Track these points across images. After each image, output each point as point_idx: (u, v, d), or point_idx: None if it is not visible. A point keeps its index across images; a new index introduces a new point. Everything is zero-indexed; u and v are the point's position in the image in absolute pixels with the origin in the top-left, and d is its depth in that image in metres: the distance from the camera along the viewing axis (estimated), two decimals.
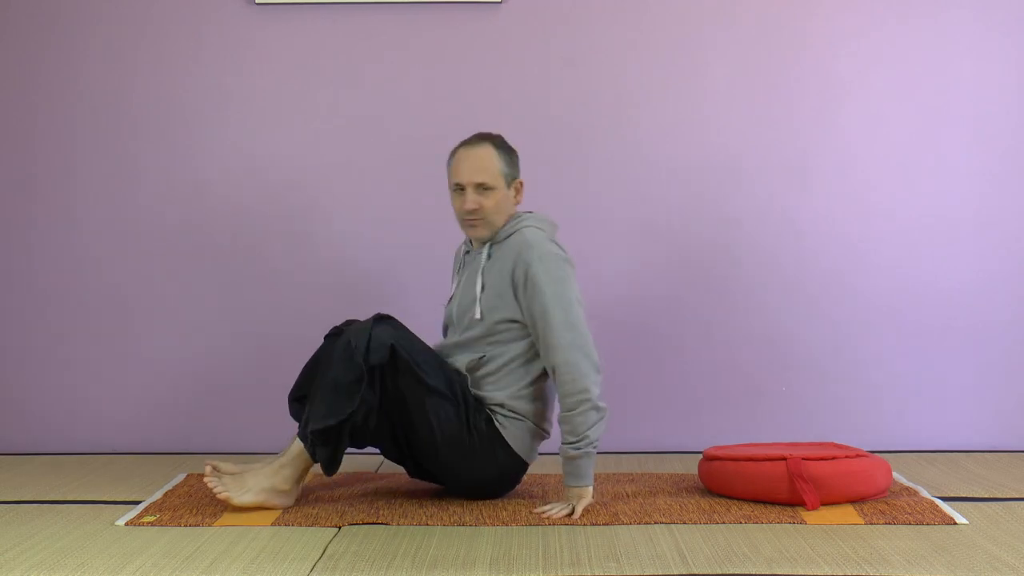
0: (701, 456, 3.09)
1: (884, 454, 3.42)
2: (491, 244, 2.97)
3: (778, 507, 2.84)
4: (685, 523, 2.71)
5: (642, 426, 3.60)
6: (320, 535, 2.61)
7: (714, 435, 3.49)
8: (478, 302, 2.93)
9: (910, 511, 2.80)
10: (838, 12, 3.70)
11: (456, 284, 3.09)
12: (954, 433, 3.70)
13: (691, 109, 3.72)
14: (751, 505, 2.87)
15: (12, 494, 3.09)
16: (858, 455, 2.93)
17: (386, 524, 2.71)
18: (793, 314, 3.72)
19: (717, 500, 2.94)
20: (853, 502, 2.88)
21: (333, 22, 3.72)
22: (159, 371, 3.75)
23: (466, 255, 3.08)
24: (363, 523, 2.71)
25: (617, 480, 3.20)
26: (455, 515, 2.79)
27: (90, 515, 2.84)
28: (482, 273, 2.95)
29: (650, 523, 2.71)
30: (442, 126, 3.69)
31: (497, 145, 2.96)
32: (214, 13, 3.72)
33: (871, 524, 2.69)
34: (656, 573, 2.32)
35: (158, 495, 3.04)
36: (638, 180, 3.71)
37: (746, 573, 2.31)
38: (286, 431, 3.18)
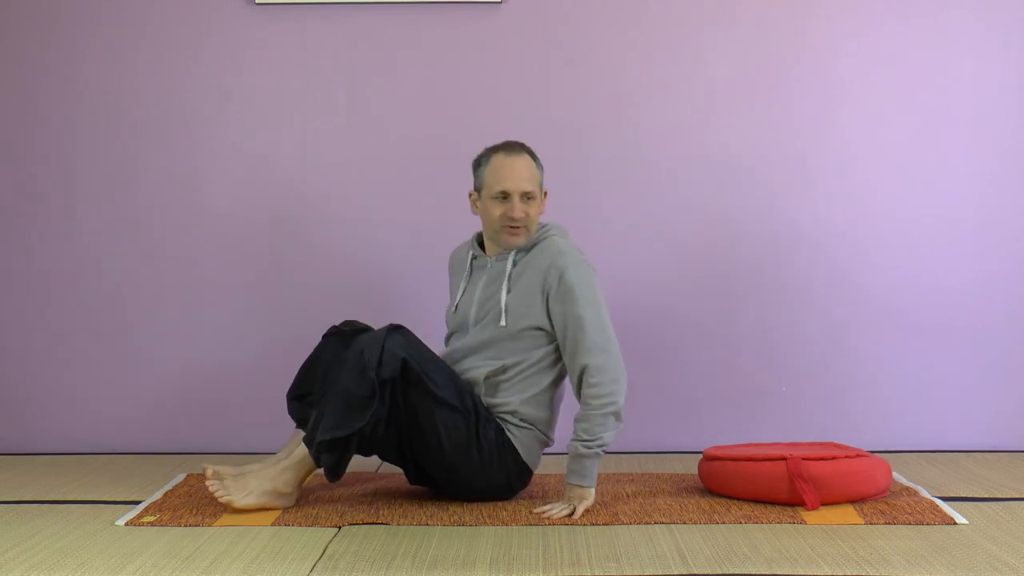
0: (701, 456, 3.09)
1: (884, 454, 3.42)
2: (516, 251, 2.98)
3: (778, 507, 2.84)
4: (685, 523, 2.71)
5: (642, 426, 3.60)
6: (320, 535, 2.61)
7: (714, 435, 3.49)
8: (504, 309, 2.93)
9: (910, 511, 2.80)
10: (838, 12, 3.70)
11: (462, 289, 3.07)
12: (954, 433, 3.70)
13: (691, 109, 3.71)
14: (751, 505, 2.87)
15: (12, 494, 3.09)
16: (858, 455, 2.93)
17: (386, 524, 2.71)
18: (793, 314, 3.71)
19: (717, 500, 2.94)
20: (853, 502, 2.88)
21: (333, 22, 3.72)
22: (159, 371, 3.75)
23: (474, 260, 3.07)
24: (363, 523, 2.71)
25: (617, 480, 3.20)
26: (455, 515, 2.79)
27: (90, 515, 2.84)
28: (508, 280, 2.95)
29: (650, 523, 2.71)
30: (442, 126, 3.70)
31: (533, 155, 2.99)
32: (214, 13, 3.72)
33: (871, 524, 2.69)
34: (656, 573, 2.32)
35: (158, 495, 3.04)
36: (638, 180, 3.71)
37: (746, 573, 2.31)
38: (286, 431, 3.19)
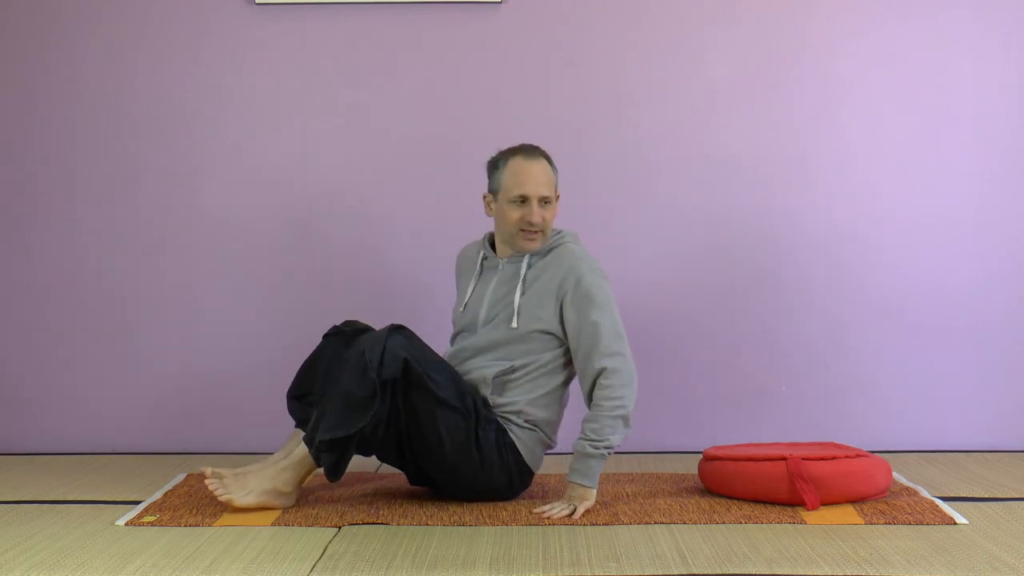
0: (701, 456, 3.09)
1: (884, 454, 3.42)
2: (531, 255, 2.98)
3: (778, 507, 2.84)
4: (685, 523, 2.71)
5: (642, 426, 3.58)
6: (320, 535, 2.61)
7: (714, 435, 3.49)
8: (517, 310, 2.93)
9: (910, 511, 2.80)
10: (838, 12, 3.70)
11: (471, 290, 3.07)
12: (954, 433, 3.70)
13: (691, 109, 3.71)
14: (751, 505, 2.87)
15: (12, 494, 3.09)
16: (858, 455, 2.93)
17: (386, 524, 2.71)
18: (793, 314, 3.71)
19: (717, 500, 2.94)
20: (853, 502, 2.88)
21: (333, 22, 3.72)
22: (159, 371, 3.75)
23: (484, 261, 3.07)
24: (363, 523, 2.71)
25: (617, 480, 3.20)
26: (455, 515, 2.79)
27: (90, 515, 2.83)
28: (523, 282, 2.96)
29: (650, 523, 2.71)
30: (442, 126, 3.70)
31: (549, 159, 3.00)
32: (214, 13, 3.72)
33: (871, 524, 2.69)
34: (656, 573, 2.32)
35: (158, 495, 3.03)
36: (638, 180, 3.71)
37: (746, 573, 2.31)
38: (286, 431, 3.19)
